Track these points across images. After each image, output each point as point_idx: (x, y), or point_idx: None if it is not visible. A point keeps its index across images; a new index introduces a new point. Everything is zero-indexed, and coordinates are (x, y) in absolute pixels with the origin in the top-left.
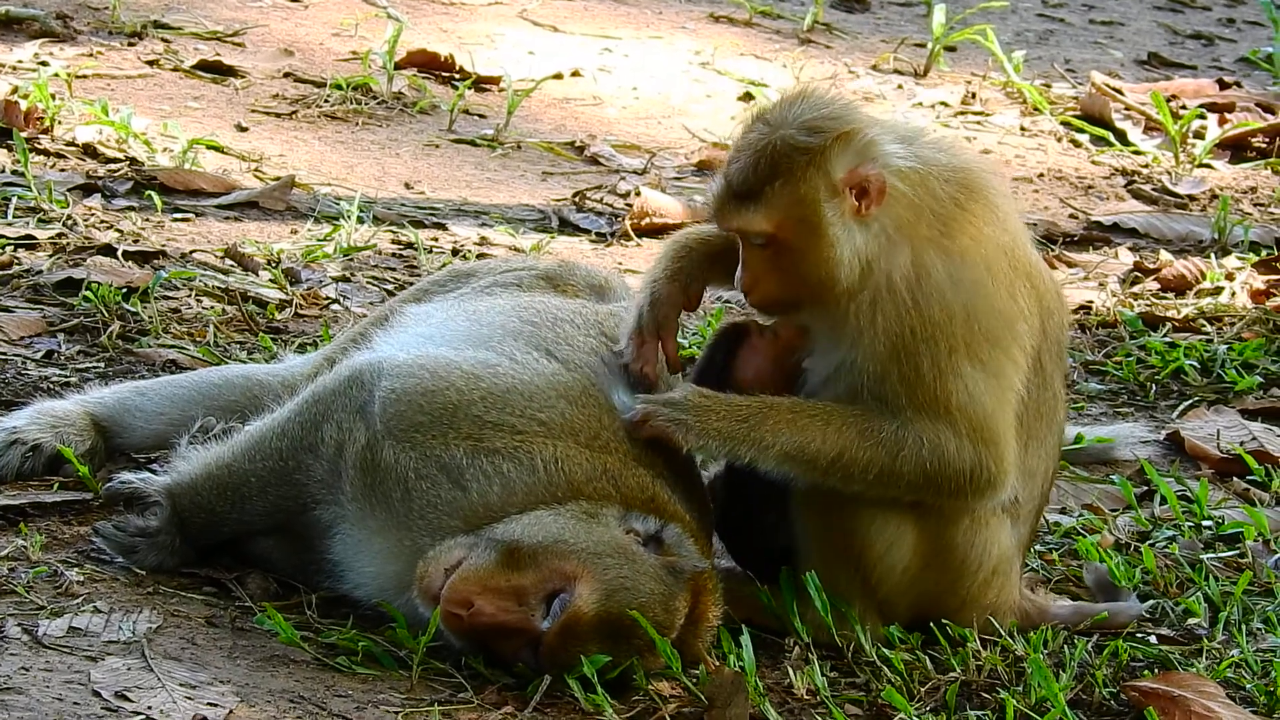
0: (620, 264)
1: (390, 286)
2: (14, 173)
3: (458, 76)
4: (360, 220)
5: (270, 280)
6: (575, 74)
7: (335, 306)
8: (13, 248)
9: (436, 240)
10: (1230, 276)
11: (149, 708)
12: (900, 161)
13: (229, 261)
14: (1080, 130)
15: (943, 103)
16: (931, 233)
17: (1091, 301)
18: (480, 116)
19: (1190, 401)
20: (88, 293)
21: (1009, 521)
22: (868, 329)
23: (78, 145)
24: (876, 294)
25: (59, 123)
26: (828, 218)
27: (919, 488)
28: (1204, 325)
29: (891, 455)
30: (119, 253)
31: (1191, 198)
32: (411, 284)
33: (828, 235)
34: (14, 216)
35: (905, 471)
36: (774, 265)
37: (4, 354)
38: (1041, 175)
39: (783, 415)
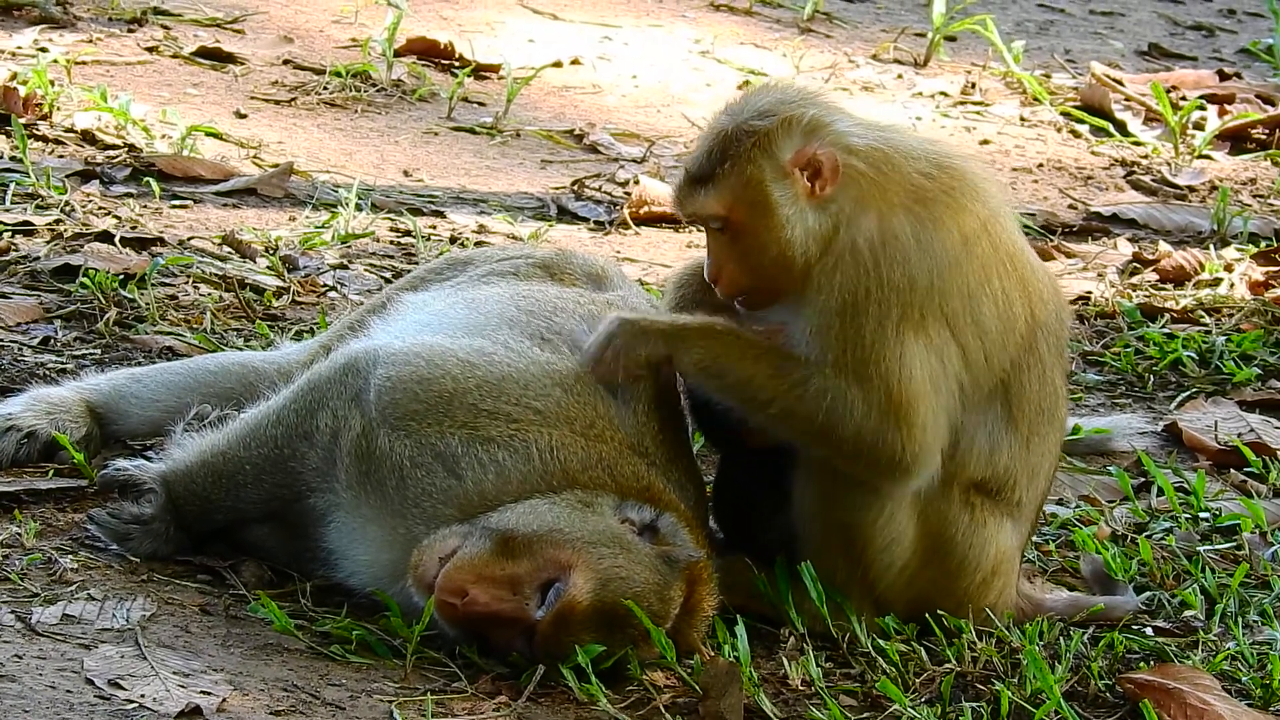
0: (618, 252)
1: (388, 274)
2: (12, 159)
3: (457, 64)
4: (358, 208)
5: (268, 267)
6: (575, 62)
7: (333, 294)
8: (10, 234)
9: (435, 228)
10: (1229, 268)
11: (142, 696)
12: (858, 140)
13: (227, 248)
14: (1080, 121)
15: (943, 93)
16: (904, 200)
17: (1090, 292)
18: (479, 104)
19: (1188, 393)
20: (85, 279)
21: (1010, 521)
22: (825, 288)
23: (76, 132)
24: (839, 258)
25: (58, 109)
26: (776, 198)
27: (817, 440)
28: (1202, 316)
29: (795, 397)
30: (117, 239)
31: (1191, 189)
32: (409, 271)
33: (777, 216)
34: (12, 202)
35: (802, 417)
36: (734, 251)
37: (0, 340)
38: (1041, 165)
39: (711, 331)
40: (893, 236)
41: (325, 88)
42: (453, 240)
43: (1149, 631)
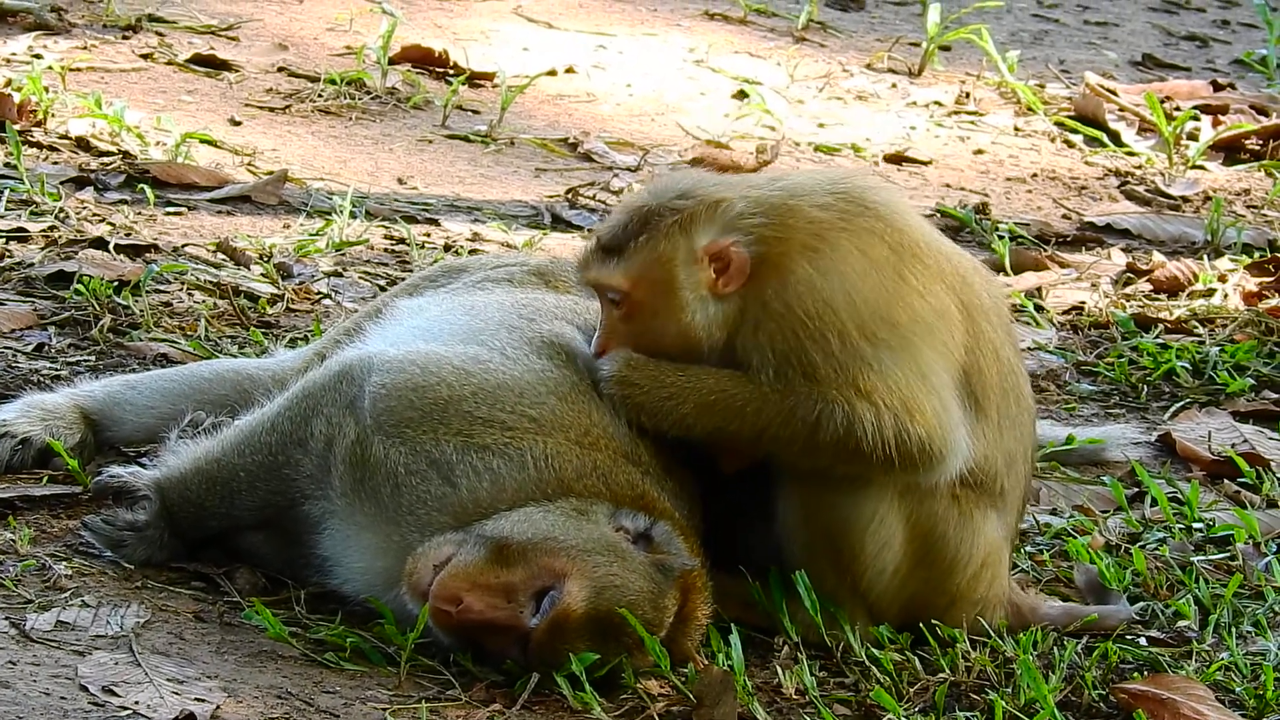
0: None
1: (382, 282)
2: (7, 165)
3: (452, 72)
4: (353, 215)
5: (262, 274)
6: (569, 70)
7: (327, 301)
8: (4, 240)
9: (429, 236)
10: (1223, 278)
11: (136, 703)
12: (758, 220)
13: (221, 255)
14: (1074, 131)
15: (937, 102)
16: (798, 245)
17: (1084, 302)
18: (474, 112)
19: (1182, 403)
20: (79, 286)
21: (994, 512)
22: (754, 346)
23: (71, 138)
24: (756, 320)
25: (52, 116)
26: (681, 281)
27: (846, 460)
28: (1196, 327)
29: (811, 432)
30: (111, 246)
31: (1185, 199)
32: (403, 279)
33: (678, 299)
34: (6, 209)
35: (827, 446)
36: (627, 327)
37: None
38: (1035, 175)
39: (705, 398)
40: (791, 275)
41: (320, 95)
42: (447, 248)
43: (1143, 641)
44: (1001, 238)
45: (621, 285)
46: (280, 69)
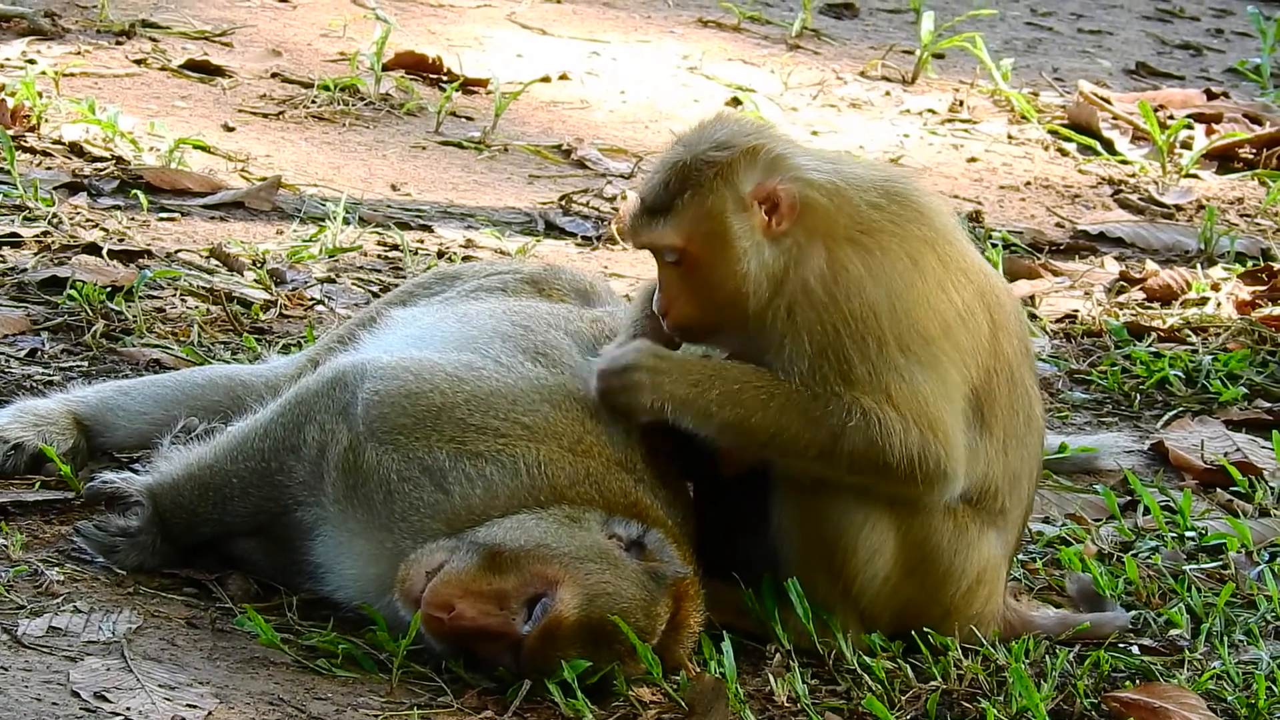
0: (606, 268)
1: (375, 288)
2: (0, 170)
3: (445, 78)
4: (346, 221)
5: (255, 281)
6: (563, 77)
7: (320, 307)
8: None
9: (422, 242)
10: (1216, 287)
11: (128, 709)
12: (815, 174)
13: (214, 261)
14: (1067, 139)
15: (930, 110)
16: (849, 233)
17: (1077, 311)
18: (467, 119)
19: (1175, 412)
20: (72, 291)
21: (993, 530)
22: (789, 332)
23: (64, 144)
24: (793, 299)
25: (45, 121)
26: (735, 230)
27: (862, 470)
28: (1189, 335)
29: (833, 438)
30: (104, 251)
31: (1178, 208)
32: (397, 285)
33: (735, 248)
34: None
35: (846, 453)
36: (687, 284)
37: None
38: (1028, 184)
39: (730, 386)
40: (842, 269)
41: (313, 101)
42: (440, 255)
43: (1135, 650)
44: (995, 246)
45: (676, 242)
46: (274, 75)
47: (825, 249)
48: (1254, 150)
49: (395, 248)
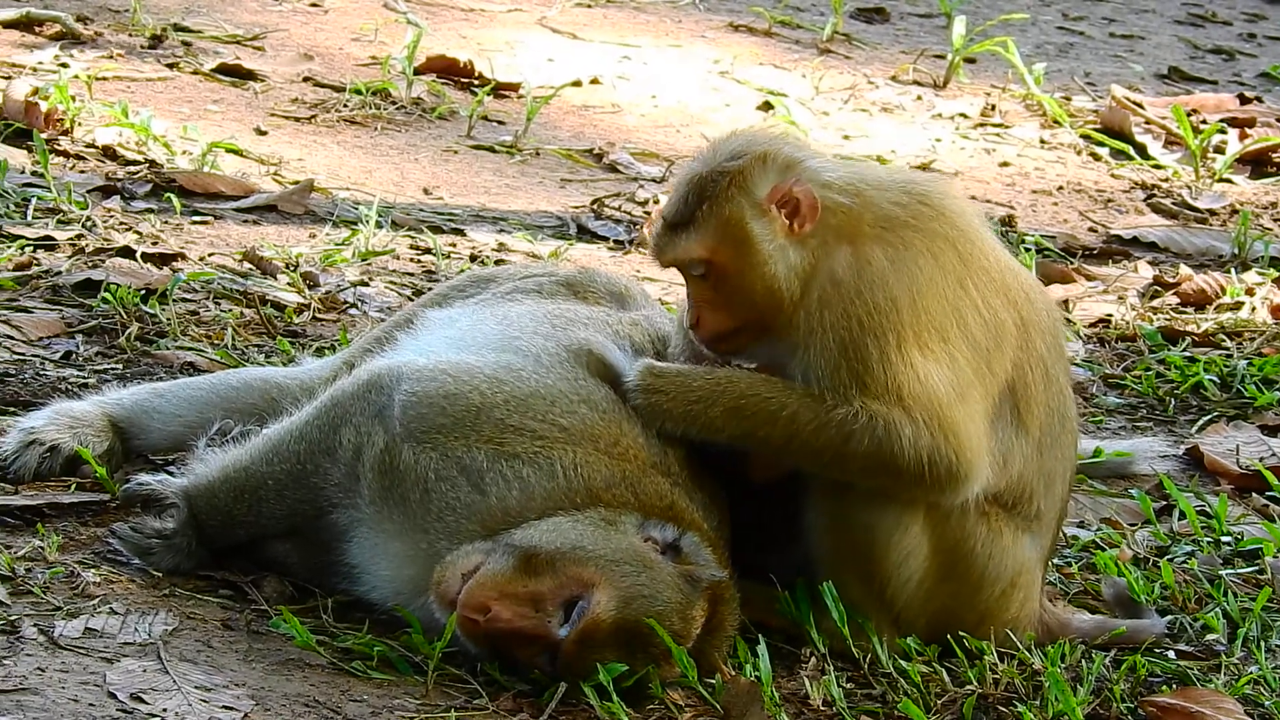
0: (638, 271)
1: (408, 291)
2: (34, 174)
3: (477, 83)
4: (378, 225)
5: (288, 284)
6: (594, 81)
7: (353, 311)
8: (32, 249)
9: (455, 246)
10: (1250, 291)
11: (164, 710)
12: (831, 175)
13: (247, 265)
14: (1100, 143)
15: (962, 114)
16: (874, 231)
17: (1111, 315)
18: (499, 123)
19: (1209, 417)
20: (106, 294)
21: (1028, 534)
22: (818, 328)
23: (97, 147)
24: (822, 293)
25: (79, 124)
26: (757, 235)
27: (874, 473)
28: (1224, 340)
29: (843, 441)
30: (138, 254)
31: (1211, 212)
32: (429, 289)
33: (760, 253)
34: (33, 217)
35: (857, 457)
36: (717, 295)
37: (23, 355)
38: (1061, 188)
39: (735, 400)
40: (867, 263)
41: (345, 105)
42: (473, 258)
43: (1171, 655)
44: (1028, 250)
45: (701, 254)
46: (306, 79)
47: (851, 245)
48: None
49: (428, 251)
